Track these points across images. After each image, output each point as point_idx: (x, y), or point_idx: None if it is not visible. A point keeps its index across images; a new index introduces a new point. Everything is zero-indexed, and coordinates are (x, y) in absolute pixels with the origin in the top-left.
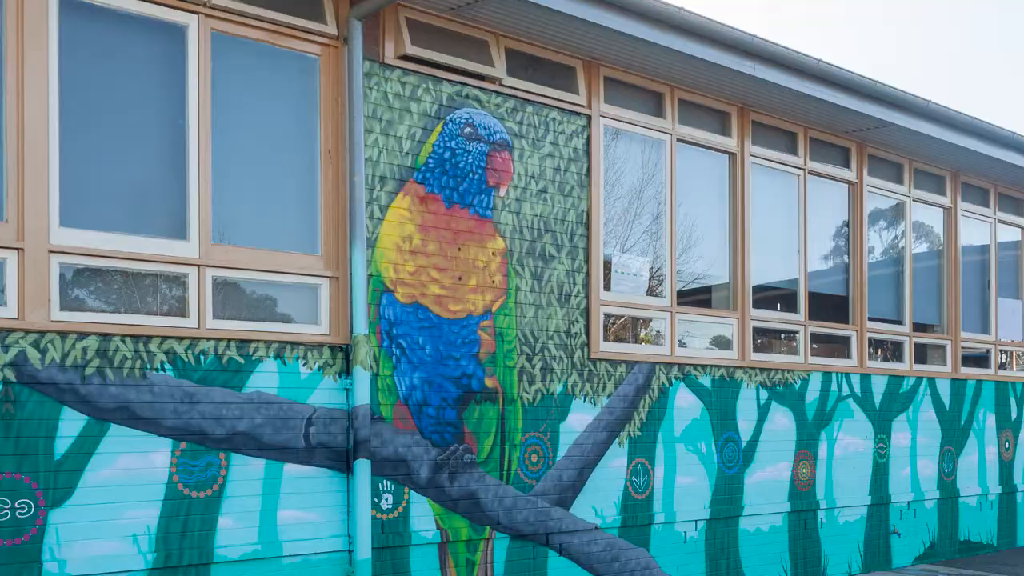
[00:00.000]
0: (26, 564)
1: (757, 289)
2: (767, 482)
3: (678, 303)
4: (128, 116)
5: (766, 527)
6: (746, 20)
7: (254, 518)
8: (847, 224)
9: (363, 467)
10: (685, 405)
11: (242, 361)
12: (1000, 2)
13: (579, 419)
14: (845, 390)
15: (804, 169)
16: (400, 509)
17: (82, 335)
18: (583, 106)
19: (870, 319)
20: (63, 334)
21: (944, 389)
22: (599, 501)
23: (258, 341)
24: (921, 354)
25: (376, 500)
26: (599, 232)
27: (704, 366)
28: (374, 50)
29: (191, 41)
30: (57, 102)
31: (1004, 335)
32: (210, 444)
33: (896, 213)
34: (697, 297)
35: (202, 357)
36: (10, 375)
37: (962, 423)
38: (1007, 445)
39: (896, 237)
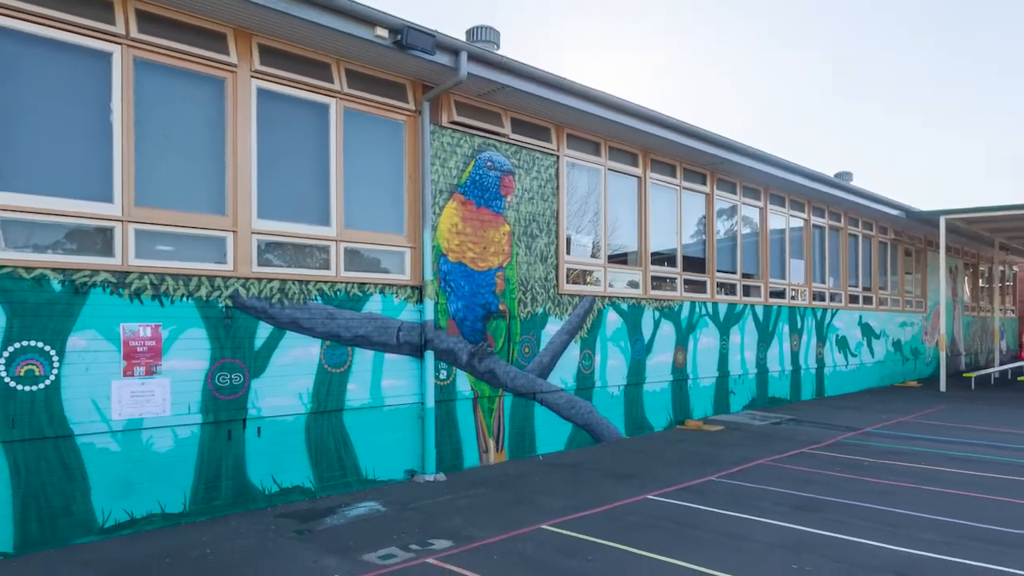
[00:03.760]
0: (239, 409)
1: (653, 254)
2: (659, 364)
3: (608, 262)
4: (296, 156)
5: (659, 389)
6: (639, 85)
7: (367, 384)
8: (704, 217)
9: (430, 355)
10: (612, 320)
11: (361, 295)
12: (812, 75)
13: (552, 328)
14: (703, 311)
15: (680, 186)
16: (450, 379)
17: (270, 280)
18: (554, 150)
19: (718, 271)
20: (259, 279)
21: (760, 311)
22: (563, 375)
23: (370, 283)
24: (746, 291)
25: (437, 374)
26: (564, 222)
27: (623, 297)
28: (436, 117)
29: (332, 114)
30: (255, 150)
31: (793, 280)
32: (342, 342)
33: (732, 211)
34: (619, 258)
35: (338, 292)
36: (229, 303)
37: (770, 330)
38: (795, 343)
39: (732, 224)
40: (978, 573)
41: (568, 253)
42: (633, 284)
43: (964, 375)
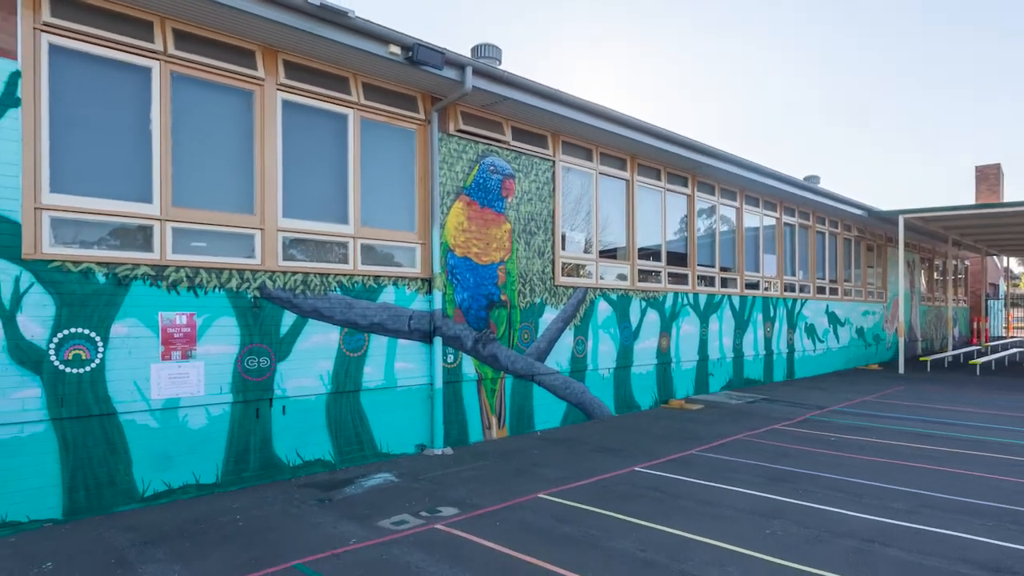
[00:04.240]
0: (266, 389)
1: (640, 249)
2: (646, 349)
3: (600, 257)
4: (317, 161)
5: (645, 371)
6: (632, 94)
7: (382, 367)
8: (686, 216)
9: (438, 341)
10: (603, 309)
11: (376, 286)
12: (781, 89)
13: (549, 316)
14: (685, 301)
15: (664, 188)
16: (457, 362)
17: (294, 273)
18: (551, 155)
19: (698, 265)
20: (284, 272)
21: (736, 301)
22: (559, 358)
23: (384, 276)
24: (724, 282)
25: (445, 357)
26: (559, 220)
27: (613, 289)
28: (444, 126)
29: (349, 123)
30: (281, 155)
31: (767, 273)
32: (360, 329)
33: (711, 210)
34: (609, 254)
35: (355, 284)
36: (257, 293)
37: (745, 318)
38: (768, 330)
39: (712, 223)
40: (940, 539)
41: (563, 249)
42: (622, 277)
43: (920, 359)
